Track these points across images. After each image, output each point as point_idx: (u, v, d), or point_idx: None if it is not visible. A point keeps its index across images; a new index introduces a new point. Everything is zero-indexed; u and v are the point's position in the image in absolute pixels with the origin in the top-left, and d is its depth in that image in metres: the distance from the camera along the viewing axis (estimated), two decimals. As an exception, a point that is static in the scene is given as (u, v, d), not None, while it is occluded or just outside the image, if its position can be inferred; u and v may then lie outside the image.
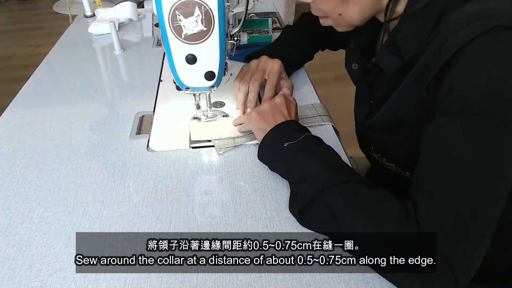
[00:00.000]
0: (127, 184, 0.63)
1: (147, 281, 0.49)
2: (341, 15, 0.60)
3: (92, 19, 1.30)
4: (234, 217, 0.57)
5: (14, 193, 0.62)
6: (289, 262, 0.50)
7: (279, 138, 0.61)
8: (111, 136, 0.74)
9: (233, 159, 0.68)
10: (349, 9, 0.58)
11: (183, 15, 0.57)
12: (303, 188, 0.55)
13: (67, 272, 0.50)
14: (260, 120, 0.66)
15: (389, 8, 0.57)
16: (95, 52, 1.10)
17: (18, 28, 3.61)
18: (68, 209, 0.59)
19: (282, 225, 0.56)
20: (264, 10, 1.34)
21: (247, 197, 0.60)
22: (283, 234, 0.55)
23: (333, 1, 0.58)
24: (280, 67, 0.79)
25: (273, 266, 0.50)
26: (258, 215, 0.57)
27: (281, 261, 0.50)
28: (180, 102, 0.83)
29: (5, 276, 0.50)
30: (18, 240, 0.55)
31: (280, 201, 0.59)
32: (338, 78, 0.66)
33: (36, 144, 0.73)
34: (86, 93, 0.88)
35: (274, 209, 0.58)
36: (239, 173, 0.65)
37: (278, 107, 0.66)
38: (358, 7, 0.58)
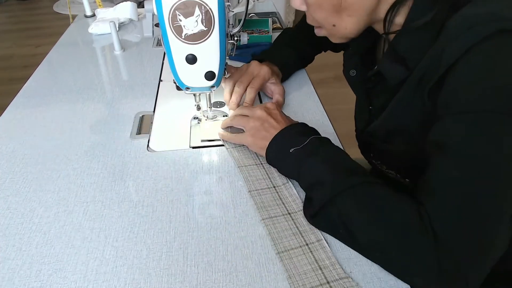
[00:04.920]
0: (127, 184, 0.63)
1: (147, 281, 0.49)
2: (335, 26, 0.58)
3: (92, 19, 1.30)
4: (234, 217, 0.57)
5: (14, 193, 0.62)
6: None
7: (283, 146, 0.60)
8: (111, 136, 0.74)
9: (233, 159, 0.68)
10: (344, 20, 0.57)
11: (183, 15, 0.57)
12: (314, 194, 0.55)
13: (67, 272, 0.50)
14: (257, 140, 0.65)
15: (388, 19, 0.55)
16: (95, 52, 1.10)
17: (18, 28, 3.61)
18: (68, 209, 0.59)
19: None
20: (264, 10, 1.34)
21: (247, 197, 0.60)
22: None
23: (326, 11, 0.57)
24: (267, 73, 0.80)
25: (273, 266, 0.51)
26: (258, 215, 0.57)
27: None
28: (180, 102, 0.83)
29: (5, 276, 0.50)
30: (18, 240, 0.55)
31: (280, 201, 0.59)
32: (338, 78, 0.66)
33: (36, 144, 0.73)
34: (86, 93, 0.88)
35: (274, 209, 0.58)
36: (239, 173, 0.65)
37: (266, 120, 0.65)
38: (353, 19, 0.56)
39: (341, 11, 0.56)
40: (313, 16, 0.60)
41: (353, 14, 0.56)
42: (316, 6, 0.57)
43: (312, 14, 0.60)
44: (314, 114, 0.79)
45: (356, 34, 0.60)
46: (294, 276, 0.48)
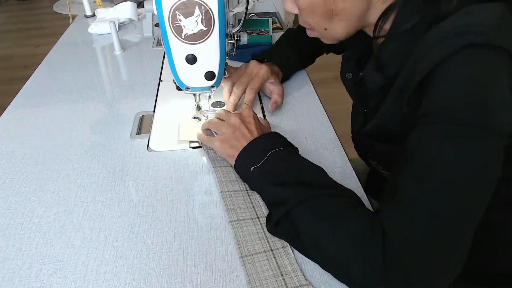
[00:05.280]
0: (127, 184, 0.63)
1: (147, 281, 0.49)
2: (327, 30, 0.60)
3: (92, 19, 1.30)
4: (234, 217, 0.57)
5: (14, 193, 0.62)
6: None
7: (245, 163, 0.60)
8: (111, 136, 0.74)
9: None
10: (335, 24, 0.58)
11: (183, 15, 0.57)
12: (272, 210, 0.56)
13: (67, 272, 0.50)
14: (226, 148, 0.64)
15: (378, 25, 0.56)
16: (95, 52, 1.10)
17: (18, 28, 3.61)
18: (68, 209, 0.59)
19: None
20: (264, 10, 1.34)
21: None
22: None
23: (319, 16, 0.57)
24: (266, 73, 0.80)
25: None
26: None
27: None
28: (180, 102, 0.83)
29: (5, 276, 0.50)
30: (18, 240, 0.55)
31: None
32: (338, 78, 0.66)
33: (36, 144, 0.73)
34: (86, 93, 0.88)
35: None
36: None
37: (238, 128, 0.64)
38: (344, 23, 0.57)
39: (332, 16, 0.56)
40: (305, 20, 0.61)
41: (344, 18, 0.57)
42: (309, 11, 0.58)
43: (305, 18, 0.60)
44: (314, 114, 0.79)
45: (346, 37, 0.61)
46: (255, 281, 0.48)
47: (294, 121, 0.78)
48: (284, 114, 0.80)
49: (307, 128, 0.75)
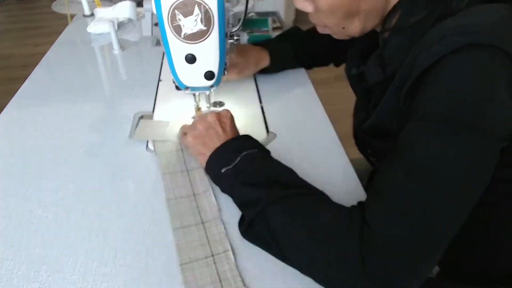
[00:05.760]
0: (127, 184, 0.63)
1: (147, 281, 0.49)
2: (344, 29, 0.59)
3: (91, 18, 1.29)
4: (234, 216, 0.57)
5: (13, 193, 0.62)
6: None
7: (217, 164, 0.59)
8: (110, 136, 0.74)
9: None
10: (354, 24, 0.57)
11: (182, 14, 0.56)
12: (244, 211, 0.55)
13: (66, 273, 0.50)
14: (197, 145, 0.63)
15: (386, 20, 0.56)
16: (94, 51, 1.09)
17: (16, 27, 3.60)
18: (68, 209, 0.59)
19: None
20: (264, 9, 1.33)
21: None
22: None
23: (339, 17, 0.56)
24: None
25: (273, 266, 0.50)
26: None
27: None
28: (180, 102, 0.83)
29: (3, 277, 0.50)
30: (17, 241, 0.54)
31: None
32: (338, 78, 0.66)
33: (35, 143, 0.72)
34: (85, 92, 0.88)
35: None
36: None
37: (212, 127, 0.63)
38: (363, 22, 0.57)
39: (354, 16, 0.56)
40: (320, 20, 0.60)
41: (364, 18, 0.56)
42: (329, 12, 0.56)
43: (322, 19, 0.59)
44: (314, 114, 0.79)
45: (362, 34, 0.60)
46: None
47: (294, 121, 0.78)
48: (284, 114, 0.80)
49: (307, 128, 0.75)
